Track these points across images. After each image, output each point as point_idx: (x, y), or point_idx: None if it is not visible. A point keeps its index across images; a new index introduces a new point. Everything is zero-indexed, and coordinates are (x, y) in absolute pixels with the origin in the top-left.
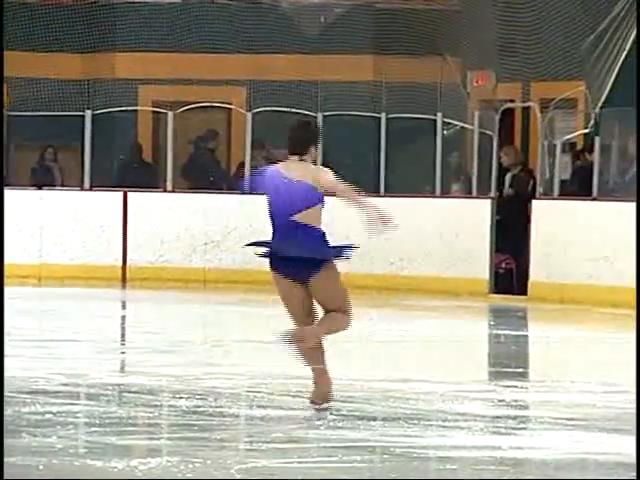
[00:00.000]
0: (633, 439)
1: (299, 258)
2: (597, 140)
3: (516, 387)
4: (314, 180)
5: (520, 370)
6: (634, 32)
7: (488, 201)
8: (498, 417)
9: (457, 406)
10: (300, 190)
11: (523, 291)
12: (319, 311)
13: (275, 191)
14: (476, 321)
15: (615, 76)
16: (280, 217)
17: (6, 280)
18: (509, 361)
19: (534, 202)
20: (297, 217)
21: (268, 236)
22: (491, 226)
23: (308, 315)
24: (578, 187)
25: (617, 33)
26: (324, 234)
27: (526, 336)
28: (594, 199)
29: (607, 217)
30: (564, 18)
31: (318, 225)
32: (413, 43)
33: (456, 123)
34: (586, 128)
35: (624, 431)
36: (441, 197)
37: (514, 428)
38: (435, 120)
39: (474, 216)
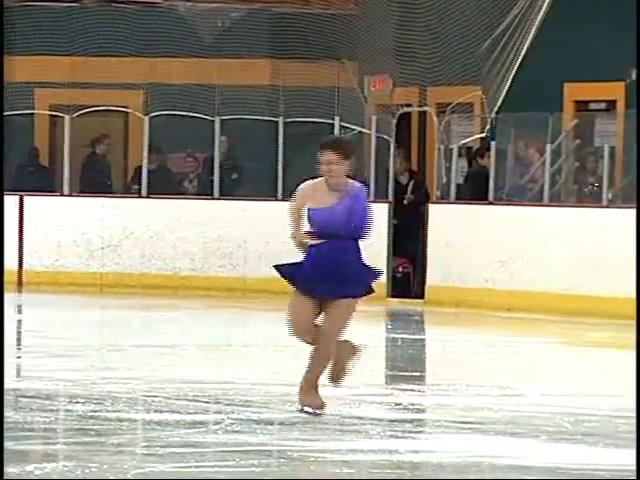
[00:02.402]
0: (527, 442)
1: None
2: (493, 145)
3: (413, 391)
4: None
5: (417, 374)
6: (530, 37)
7: (385, 205)
8: (395, 421)
9: (354, 410)
10: None
11: (420, 295)
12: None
13: None
14: (373, 325)
15: (511, 81)
16: None
17: None
18: (406, 365)
19: (430, 206)
20: None
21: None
22: (388, 230)
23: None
24: (472, 192)
25: (513, 38)
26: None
27: (423, 340)
28: (490, 203)
29: (503, 221)
30: (461, 23)
31: None
32: (310, 47)
33: (353, 127)
34: (482, 133)
35: (519, 434)
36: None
37: (411, 431)
38: (333, 124)
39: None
